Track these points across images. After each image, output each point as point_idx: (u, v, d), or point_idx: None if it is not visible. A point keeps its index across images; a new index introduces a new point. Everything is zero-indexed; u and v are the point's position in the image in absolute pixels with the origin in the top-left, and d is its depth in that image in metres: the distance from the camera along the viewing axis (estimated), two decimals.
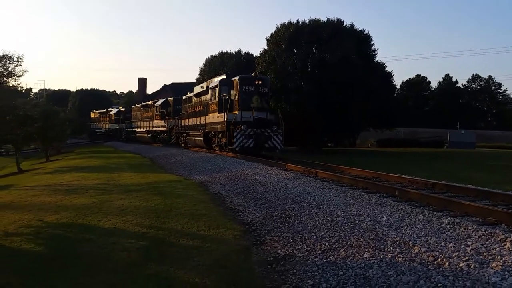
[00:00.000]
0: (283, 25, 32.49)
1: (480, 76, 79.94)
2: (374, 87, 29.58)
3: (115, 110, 51.51)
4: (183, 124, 27.42)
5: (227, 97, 18.80)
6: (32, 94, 63.51)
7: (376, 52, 33.20)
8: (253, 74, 19.11)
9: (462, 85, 79.47)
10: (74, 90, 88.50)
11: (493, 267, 4.17)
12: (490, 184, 10.28)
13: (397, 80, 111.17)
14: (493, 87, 79.47)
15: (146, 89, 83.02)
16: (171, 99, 32.34)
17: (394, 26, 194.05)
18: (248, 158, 16.20)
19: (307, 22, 31.85)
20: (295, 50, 30.54)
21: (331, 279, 4.72)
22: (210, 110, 20.88)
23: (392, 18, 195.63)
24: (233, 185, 11.17)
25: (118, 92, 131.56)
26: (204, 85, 23.27)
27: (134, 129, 42.56)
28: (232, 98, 18.74)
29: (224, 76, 20.79)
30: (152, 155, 23.98)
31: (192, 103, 25.26)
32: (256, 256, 5.84)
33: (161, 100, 34.44)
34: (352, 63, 28.25)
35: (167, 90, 62.80)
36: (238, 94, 18.43)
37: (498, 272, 4.04)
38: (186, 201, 9.26)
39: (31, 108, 27.20)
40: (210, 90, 21.08)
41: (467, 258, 4.46)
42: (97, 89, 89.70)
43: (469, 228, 5.40)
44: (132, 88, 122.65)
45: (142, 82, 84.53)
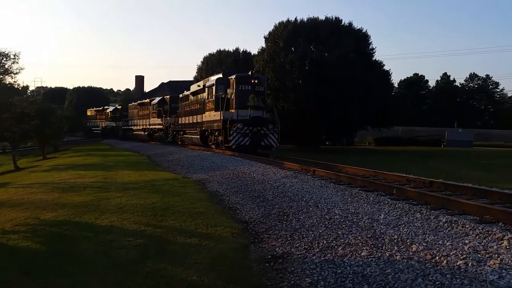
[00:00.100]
0: (281, 23, 32.48)
1: (477, 75, 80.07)
2: (372, 86, 29.61)
3: (111, 108, 51.29)
4: (180, 122, 27.42)
5: (223, 95, 18.89)
6: (29, 91, 63.10)
7: (374, 50, 33.26)
8: (249, 73, 19.18)
9: (459, 84, 79.62)
10: (71, 87, 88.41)
11: (490, 265, 4.18)
12: (488, 183, 10.32)
13: (395, 79, 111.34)
14: (490, 86, 79.60)
15: (144, 87, 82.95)
16: (168, 97, 32.32)
17: (392, 25, 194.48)
18: (245, 156, 16.20)
19: (305, 20, 31.87)
20: (293, 49, 30.52)
21: (329, 277, 4.72)
22: (207, 108, 20.93)
23: (390, 16, 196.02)
24: (230, 183, 11.17)
25: (115, 90, 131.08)
26: (201, 83, 23.31)
27: (130, 127, 42.44)
28: (228, 96, 18.82)
29: (221, 75, 20.86)
30: (149, 153, 23.95)
31: (189, 101, 25.27)
32: (254, 254, 5.85)
33: (157, 98, 34.39)
34: (350, 62, 28.28)
35: (164, 88, 62.71)
36: (235, 92, 18.51)
37: (496, 270, 4.05)
38: (183, 199, 9.26)
39: (28, 106, 27.09)
40: (206, 88, 21.15)
41: (464, 256, 4.47)
42: (94, 86, 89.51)
43: (466, 226, 5.41)
44: (129, 86, 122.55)
45: (140, 80, 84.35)
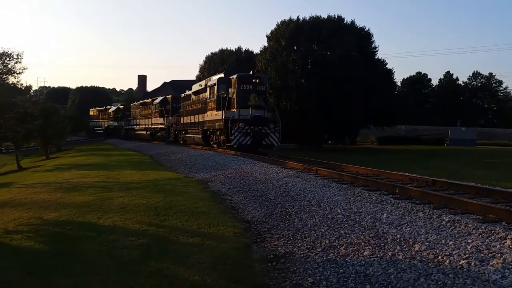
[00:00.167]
0: (283, 22, 32.46)
1: (480, 74, 79.84)
2: (375, 84, 29.56)
3: (113, 108, 51.40)
4: (181, 121, 27.52)
5: (225, 95, 18.98)
6: (32, 91, 63.13)
7: (376, 49, 33.31)
8: (250, 72, 19.25)
9: (462, 82, 79.43)
10: (74, 87, 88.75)
11: (493, 264, 4.16)
12: (491, 182, 10.28)
13: (397, 77, 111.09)
14: (493, 85, 79.31)
15: (146, 86, 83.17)
16: (170, 97, 32.43)
17: (395, 23, 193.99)
18: (248, 156, 16.20)
19: (307, 19, 31.85)
20: (295, 47, 30.51)
21: (332, 277, 4.72)
22: (209, 108, 21.03)
23: (392, 15, 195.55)
24: (233, 182, 11.17)
25: (118, 89, 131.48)
26: (203, 83, 23.43)
27: (133, 126, 42.52)
28: (230, 96, 18.92)
29: (222, 75, 20.96)
30: (152, 152, 23.98)
31: (191, 101, 25.35)
32: (256, 253, 5.85)
33: (159, 98, 34.50)
34: (352, 60, 28.22)
35: (167, 87, 62.82)
36: (236, 92, 18.59)
37: (499, 269, 4.03)
38: (186, 198, 9.26)
39: (31, 106, 27.19)
40: (208, 88, 21.25)
41: (467, 255, 4.45)
42: (97, 86, 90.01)
43: (469, 225, 5.39)
44: (132, 86, 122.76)
45: (142, 79, 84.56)
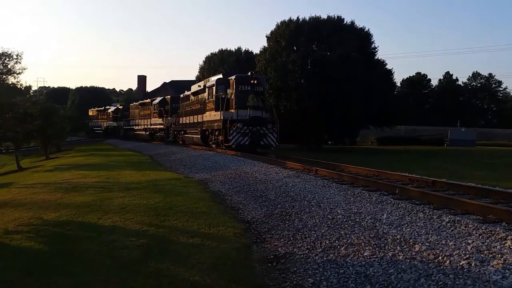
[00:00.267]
0: (283, 22, 32.45)
1: (480, 74, 79.76)
2: (375, 85, 29.56)
3: (113, 108, 51.47)
4: (180, 122, 27.64)
5: (223, 95, 19.16)
6: (31, 91, 63.12)
7: (376, 49, 33.30)
8: (249, 73, 19.48)
9: (462, 82, 79.37)
10: (73, 87, 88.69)
11: (493, 265, 4.16)
12: (491, 182, 10.27)
13: (397, 78, 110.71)
14: (493, 85, 79.27)
15: (146, 86, 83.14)
16: (169, 97, 32.54)
17: (395, 24, 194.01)
18: (248, 156, 16.21)
19: (307, 19, 31.83)
20: (295, 48, 30.49)
21: (332, 277, 4.72)
22: (207, 108, 21.20)
23: (392, 15, 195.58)
24: (233, 183, 11.17)
25: (118, 89, 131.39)
26: (202, 84, 23.65)
27: (132, 126, 42.59)
28: (228, 97, 19.11)
29: (221, 75, 21.24)
30: (152, 153, 23.98)
31: (190, 102, 25.51)
32: (256, 254, 5.84)
33: (158, 98, 34.61)
34: (352, 61, 28.23)
35: (166, 87, 62.84)
36: (234, 93, 18.79)
37: (499, 270, 4.03)
38: (186, 199, 9.26)
39: (31, 106, 27.17)
40: (207, 89, 21.46)
41: (467, 256, 4.45)
42: (96, 86, 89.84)
43: (469, 226, 5.39)
44: (131, 86, 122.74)
45: (142, 79, 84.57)
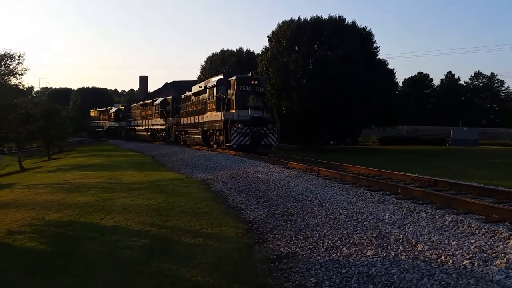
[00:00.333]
0: (284, 22, 32.42)
1: (482, 73, 79.59)
2: (376, 85, 29.52)
3: (114, 109, 51.66)
4: (182, 122, 27.77)
5: (224, 96, 19.31)
6: (33, 92, 63.40)
7: (378, 49, 33.20)
8: (249, 74, 19.65)
9: (464, 82, 79.22)
10: (75, 88, 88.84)
11: (497, 264, 4.15)
12: (493, 182, 10.25)
13: (399, 78, 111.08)
14: (495, 84, 79.08)
15: (148, 87, 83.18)
16: (170, 98, 32.69)
17: (396, 24, 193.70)
18: (250, 156, 16.21)
19: (308, 19, 31.79)
20: (296, 48, 30.46)
21: (334, 277, 4.71)
22: (208, 109, 21.34)
23: (394, 15, 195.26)
24: (235, 183, 11.17)
25: (120, 90, 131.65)
26: (202, 84, 23.84)
27: (133, 127, 42.72)
28: (229, 97, 19.25)
29: (222, 76, 21.40)
30: (154, 153, 24.01)
31: (191, 102, 25.65)
32: (258, 254, 5.84)
33: (160, 99, 34.73)
34: (354, 61, 28.19)
35: (168, 88, 62.87)
36: (235, 93, 18.92)
37: (502, 270, 4.02)
38: (188, 199, 9.27)
39: (33, 107, 27.27)
40: (208, 89, 21.62)
41: (470, 256, 4.43)
42: (98, 87, 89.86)
43: (472, 225, 5.37)
44: (133, 86, 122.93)
45: (144, 80, 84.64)
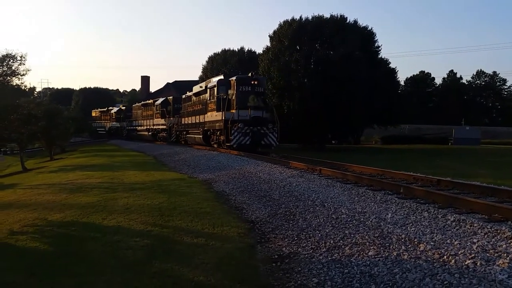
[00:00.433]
0: (286, 22, 32.40)
1: (484, 72, 79.49)
2: (378, 84, 29.46)
3: (115, 109, 51.86)
4: (183, 122, 27.88)
5: (224, 96, 19.44)
6: (35, 93, 63.72)
7: (379, 48, 33.10)
8: (249, 74, 19.81)
9: (466, 81, 79.13)
10: (77, 88, 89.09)
11: (499, 264, 4.13)
12: (496, 181, 10.22)
13: (401, 77, 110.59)
14: (498, 83, 78.94)
15: (149, 87, 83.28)
16: (171, 98, 32.81)
17: (398, 22, 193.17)
18: (251, 156, 16.22)
19: (310, 18, 31.77)
20: (298, 47, 30.45)
21: (336, 277, 4.70)
22: (209, 109, 21.48)
23: (395, 14, 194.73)
24: (237, 183, 11.17)
25: (121, 90, 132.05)
26: (203, 84, 24.01)
27: (135, 127, 42.89)
28: (229, 97, 19.37)
29: (222, 76, 21.57)
30: (155, 153, 24.03)
31: (192, 102, 25.78)
32: (260, 254, 5.84)
33: (161, 99, 34.88)
34: (355, 60, 28.15)
35: (170, 88, 62.90)
36: (235, 93, 19.05)
37: (505, 269, 4.00)
38: (190, 199, 9.27)
39: (35, 107, 27.33)
40: (208, 89, 21.76)
41: (473, 255, 4.42)
42: (100, 87, 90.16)
43: (475, 225, 5.36)
44: (135, 86, 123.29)
45: (145, 80, 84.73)
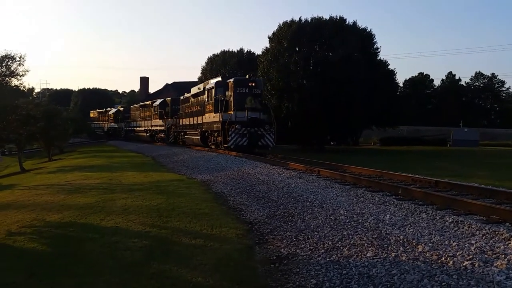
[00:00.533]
0: (285, 23, 32.40)
1: (483, 74, 79.52)
2: (377, 85, 29.48)
3: (114, 110, 51.77)
4: (181, 123, 27.96)
5: (222, 98, 19.57)
6: (34, 93, 63.74)
7: (378, 50, 33.08)
8: (247, 76, 19.93)
9: (465, 83, 79.19)
10: (76, 89, 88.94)
11: (497, 265, 4.14)
12: (494, 182, 10.23)
13: (400, 78, 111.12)
14: (496, 85, 79.03)
15: (148, 88, 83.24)
16: (169, 99, 32.91)
17: (397, 24, 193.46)
18: (250, 157, 16.23)
19: (309, 20, 31.76)
20: (297, 49, 30.45)
21: (335, 278, 4.70)
22: (207, 110, 21.61)
23: (394, 15, 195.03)
24: (235, 184, 11.17)
25: (121, 91, 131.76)
26: (201, 86, 24.17)
27: (133, 128, 42.90)
28: (227, 99, 19.51)
29: (220, 78, 21.76)
30: (154, 154, 24.01)
31: (190, 103, 25.91)
32: (259, 255, 5.84)
33: (159, 100, 34.95)
34: (354, 61, 28.18)
35: (169, 89, 62.97)
36: (233, 95, 19.19)
37: (503, 271, 4.01)
38: (188, 200, 9.27)
39: (34, 108, 27.26)
40: (206, 91, 21.90)
41: (471, 256, 4.43)
42: (99, 88, 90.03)
43: (473, 226, 5.37)
44: (134, 87, 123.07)
45: (144, 81, 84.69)
